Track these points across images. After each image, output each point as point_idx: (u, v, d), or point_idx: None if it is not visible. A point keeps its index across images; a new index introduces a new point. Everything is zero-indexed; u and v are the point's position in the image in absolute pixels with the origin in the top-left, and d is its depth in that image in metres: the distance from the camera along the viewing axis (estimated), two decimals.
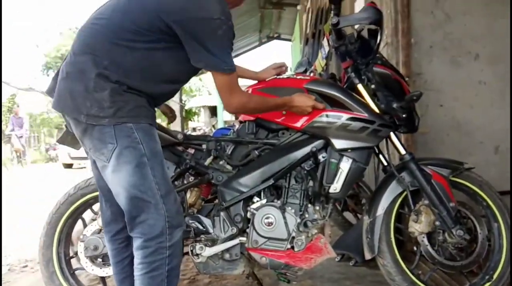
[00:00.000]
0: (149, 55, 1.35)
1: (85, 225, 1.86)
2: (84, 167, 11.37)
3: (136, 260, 1.33)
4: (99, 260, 1.78)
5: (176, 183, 1.78)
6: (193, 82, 21.42)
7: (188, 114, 20.28)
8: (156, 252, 1.31)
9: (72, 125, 1.38)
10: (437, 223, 1.71)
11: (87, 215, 1.89)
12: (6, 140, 13.41)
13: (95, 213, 1.83)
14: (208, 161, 1.77)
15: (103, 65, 1.29)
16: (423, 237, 1.74)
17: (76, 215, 1.85)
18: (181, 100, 5.25)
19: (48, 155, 18.72)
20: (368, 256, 1.75)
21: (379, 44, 1.72)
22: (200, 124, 20.08)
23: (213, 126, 16.41)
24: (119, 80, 1.30)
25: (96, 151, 1.33)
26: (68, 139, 1.80)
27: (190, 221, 1.67)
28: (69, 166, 13.06)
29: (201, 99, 21.43)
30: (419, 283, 1.70)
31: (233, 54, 1.44)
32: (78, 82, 1.31)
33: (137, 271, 1.33)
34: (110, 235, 1.55)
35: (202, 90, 22.43)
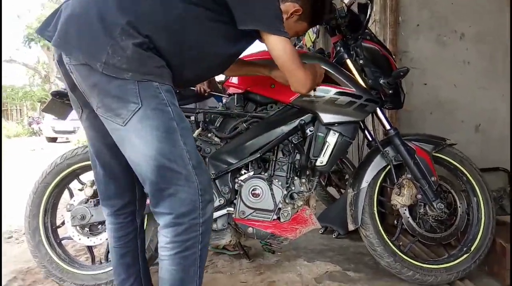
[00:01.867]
0: (186, 15, 1.16)
1: (71, 195, 1.85)
2: (69, 141, 11.21)
3: (164, 239, 1.15)
4: (86, 229, 1.78)
5: None
6: None
7: None
8: (189, 230, 1.14)
9: (77, 74, 1.15)
10: (419, 196, 1.76)
11: (74, 185, 1.88)
12: None
13: (82, 183, 1.82)
14: (196, 133, 1.77)
15: (133, 14, 1.11)
16: (405, 210, 1.80)
17: (63, 184, 1.84)
18: None
19: (31, 129, 18.40)
20: (351, 227, 1.80)
21: (368, 18, 1.73)
22: None
23: None
24: (148, 35, 1.12)
25: (108, 111, 1.12)
26: (54, 108, 1.77)
27: None
28: (53, 139, 12.87)
29: None
30: (400, 253, 1.76)
31: None
32: (97, 25, 1.09)
33: (166, 250, 1.16)
34: (113, 210, 1.41)
35: None
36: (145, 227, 1.69)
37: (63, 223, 1.85)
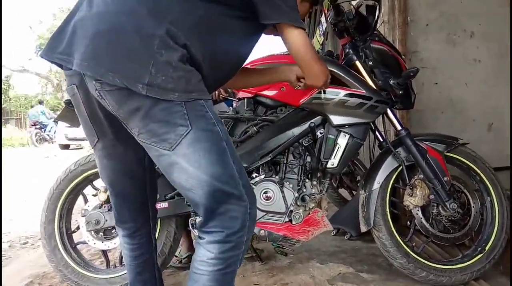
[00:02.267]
0: (210, 15, 1.08)
1: (86, 200, 1.88)
2: (81, 148, 11.36)
3: (208, 254, 1.10)
4: (101, 234, 1.81)
5: None
6: None
7: None
8: (235, 247, 1.10)
9: (111, 100, 1.03)
10: (432, 196, 1.75)
11: (88, 190, 1.91)
12: None
13: (96, 189, 1.85)
14: None
15: (167, 20, 1.00)
16: (418, 210, 1.79)
17: (77, 190, 1.87)
18: None
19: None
20: (363, 228, 1.79)
21: (377, 20, 1.73)
22: None
23: None
24: (186, 43, 1.02)
25: (152, 136, 1.03)
26: (68, 116, 1.80)
27: None
28: (65, 146, 13.04)
29: None
30: (413, 254, 1.75)
31: None
32: (133, 39, 0.98)
33: (206, 265, 1.10)
34: (128, 232, 1.39)
35: None
36: (157, 232, 1.71)
37: (78, 228, 1.89)
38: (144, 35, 0.99)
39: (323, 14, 1.82)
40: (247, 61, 1.80)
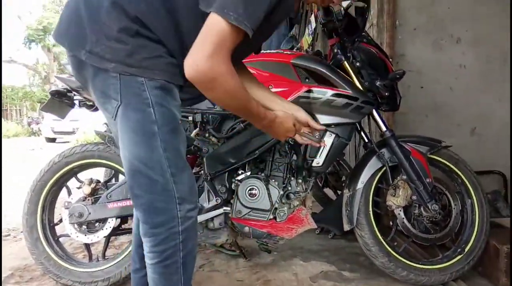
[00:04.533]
0: None
1: (69, 193, 1.86)
2: (68, 141, 11.23)
3: (145, 247, 1.12)
4: (84, 227, 1.79)
5: None
6: None
7: None
8: (168, 239, 1.08)
9: (72, 66, 1.10)
10: (414, 197, 1.78)
11: (72, 183, 1.90)
12: None
13: (80, 181, 1.84)
14: (194, 133, 1.79)
15: None
16: (400, 210, 1.82)
17: (61, 182, 1.85)
18: None
19: (30, 129, 18.49)
20: (346, 227, 1.82)
21: (365, 21, 1.75)
22: None
23: None
24: (137, 16, 1.00)
25: (99, 104, 1.09)
26: (53, 107, 1.79)
27: None
28: (52, 140, 12.88)
29: None
30: (394, 254, 1.78)
31: None
32: (84, 10, 1.02)
33: (147, 258, 1.12)
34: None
35: None
36: None
37: (60, 221, 1.87)
38: (92, 4, 1.02)
39: (313, 14, 1.83)
40: None
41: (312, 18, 1.88)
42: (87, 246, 1.89)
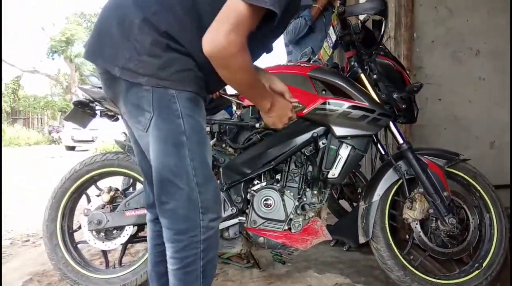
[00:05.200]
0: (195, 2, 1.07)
1: (89, 200, 1.90)
2: (87, 150, 11.45)
3: (167, 253, 1.15)
4: (102, 234, 1.83)
5: None
6: None
7: None
8: (188, 247, 1.11)
9: (103, 83, 1.17)
10: (431, 210, 1.76)
11: (91, 191, 1.94)
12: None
13: (99, 189, 1.88)
14: (211, 143, 1.82)
15: (151, 10, 1.05)
16: (416, 224, 1.80)
17: (81, 190, 1.90)
18: None
19: (51, 137, 18.94)
20: (362, 240, 1.80)
21: (383, 34, 1.76)
22: None
23: None
24: (167, 31, 1.04)
25: (131, 117, 1.13)
26: (76, 117, 1.84)
27: None
28: (71, 148, 13.16)
29: None
30: (410, 268, 1.76)
31: None
32: (117, 28, 1.06)
33: (170, 264, 1.15)
34: (152, 217, 1.38)
35: None
36: None
37: (79, 228, 1.91)
38: (124, 23, 1.05)
39: (331, 27, 1.85)
40: None
41: (331, 31, 1.89)
42: (104, 253, 1.92)
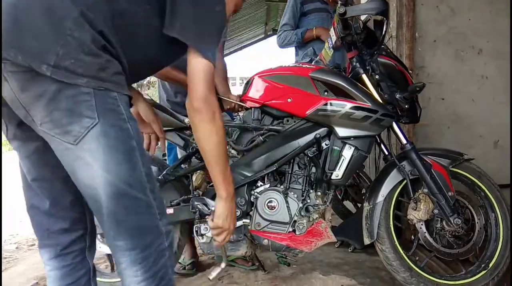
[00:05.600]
0: (130, 13, 1.02)
1: None
2: None
3: (135, 279, 1.00)
4: None
5: (182, 166, 1.83)
6: None
7: None
8: (158, 258, 1.02)
9: (14, 82, 0.92)
10: (436, 211, 1.75)
11: None
12: None
13: None
14: None
15: (83, 4, 0.92)
16: (421, 225, 1.79)
17: None
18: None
19: None
20: (367, 241, 1.80)
21: (384, 35, 1.76)
22: None
23: None
24: (103, 31, 0.94)
25: (56, 127, 0.93)
26: None
27: (196, 203, 1.72)
28: None
29: None
30: (416, 269, 1.75)
31: (238, 46, 1.29)
32: (43, 18, 0.90)
33: None
34: (58, 249, 1.14)
35: None
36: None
37: None
38: (55, 15, 0.90)
39: (332, 28, 1.85)
40: (256, 72, 1.84)
41: (332, 32, 1.89)
42: (110, 257, 1.92)
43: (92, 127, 0.92)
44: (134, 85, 1.46)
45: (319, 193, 1.76)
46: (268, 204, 1.71)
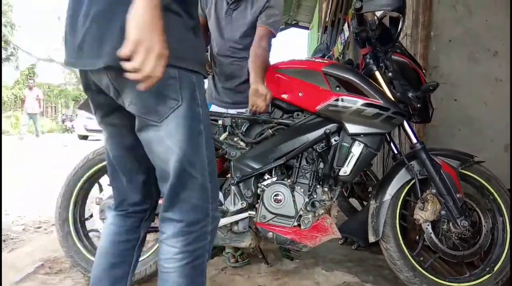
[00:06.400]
0: None
1: (101, 189, 1.92)
2: (100, 139, 11.56)
3: (172, 250, 1.07)
4: None
5: None
6: None
7: None
8: (199, 238, 1.08)
9: (110, 75, 1.01)
10: (443, 212, 1.74)
11: (104, 179, 1.95)
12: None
13: None
14: (223, 136, 1.82)
15: None
16: (428, 225, 1.78)
17: (94, 179, 1.92)
18: None
19: (64, 126, 19.20)
20: (372, 239, 1.79)
21: (399, 32, 1.74)
22: None
23: None
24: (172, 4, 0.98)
25: (143, 107, 1.02)
26: (89, 105, 1.85)
27: None
28: (84, 137, 13.34)
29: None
30: (420, 269, 1.74)
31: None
32: (121, 15, 0.90)
33: (173, 262, 1.07)
34: (126, 212, 1.25)
35: None
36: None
37: (91, 216, 1.93)
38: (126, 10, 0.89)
39: (346, 23, 1.83)
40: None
41: (345, 27, 1.88)
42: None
43: (176, 109, 1.01)
44: None
45: (325, 189, 1.76)
46: (275, 197, 1.71)
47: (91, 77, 1.06)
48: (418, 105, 1.77)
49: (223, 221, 1.71)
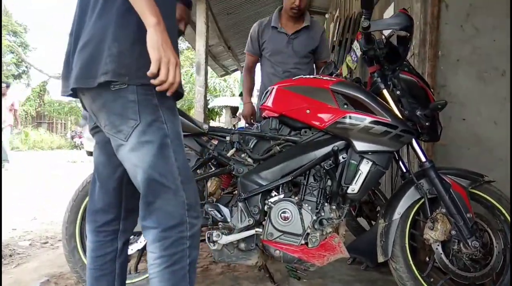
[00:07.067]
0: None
1: None
2: None
3: (152, 255, 1.16)
4: None
5: (198, 171, 1.84)
6: (218, 82, 21.94)
7: (210, 114, 20.66)
8: (177, 243, 1.15)
9: (87, 101, 1.21)
10: (453, 232, 1.71)
11: None
12: None
13: None
14: (230, 153, 1.82)
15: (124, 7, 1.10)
16: (438, 245, 1.75)
17: None
18: (205, 97, 5.43)
19: (73, 142, 19.41)
20: (381, 259, 1.76)
21: (407, 50, 1.75)
22: (220, 124, 20.35)
23: (234, 126, 16.58)
24: (137, 31, 1.11)
25: (112, 128, 1.17)
26: None
27: (209, 209, 1.72)
28: (92, 153, 13.46)
29: (224, 99, 21.49)
30: None
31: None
32: (99, 44, 1.12)
33: (155, 267, 1.16)
34: (95, 225, 1.36)
35: (226, 90, 23.15)
36: None
37: None
38: (105, 37, 1.12)
39: (356, 41, 1.85)
40: (274, 83, 1.86)
41: (355, 45, 1.90)
42: (139, 253, 1.92)
43: (136, 127, 1.14)
44: None
45: (333, 207, 1.74)
46: (282, 215, 1.70)
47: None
48: (427, 124, 1.77)
49: (229, 238, 1.69)
